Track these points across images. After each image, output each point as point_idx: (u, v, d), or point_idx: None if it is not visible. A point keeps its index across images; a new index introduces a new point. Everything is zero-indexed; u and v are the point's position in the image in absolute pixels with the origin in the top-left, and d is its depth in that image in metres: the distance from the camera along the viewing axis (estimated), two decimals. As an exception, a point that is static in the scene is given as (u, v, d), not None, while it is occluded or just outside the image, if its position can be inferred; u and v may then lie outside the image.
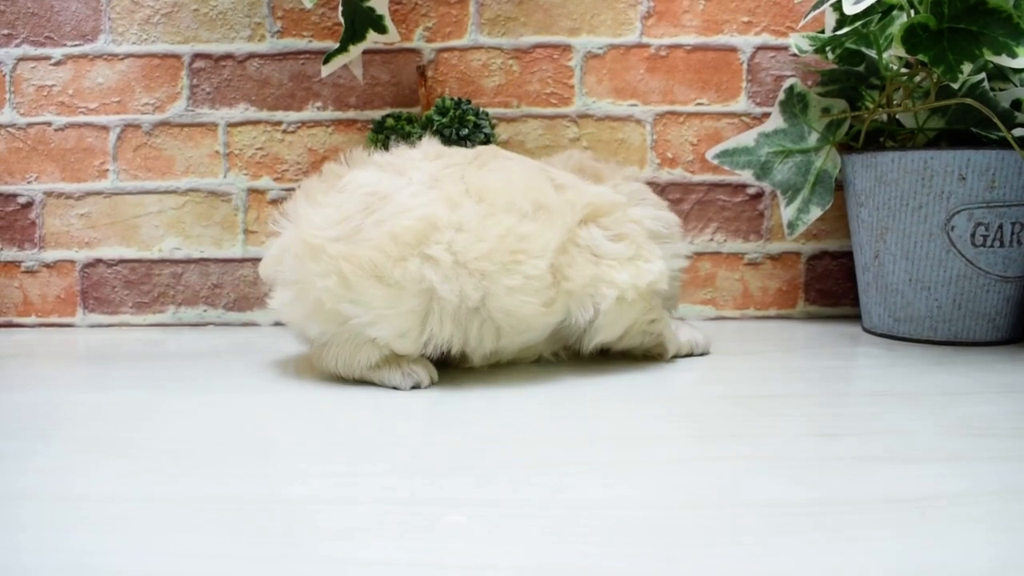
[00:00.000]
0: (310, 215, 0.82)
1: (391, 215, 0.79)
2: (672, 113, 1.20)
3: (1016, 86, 1.06)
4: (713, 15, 1.19)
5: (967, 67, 0.93)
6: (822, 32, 1.14)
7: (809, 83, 1.19)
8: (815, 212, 1.14)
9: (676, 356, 0.96)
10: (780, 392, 0.81)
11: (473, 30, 1.19)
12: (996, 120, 0.97)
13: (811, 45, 1.10)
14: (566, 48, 1.19)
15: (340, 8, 1.03)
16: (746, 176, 1.13)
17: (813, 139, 1.13)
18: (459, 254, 0.78)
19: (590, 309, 0.85)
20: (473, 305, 0.80)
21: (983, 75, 1.05)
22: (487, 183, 0.83)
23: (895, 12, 1.04)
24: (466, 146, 1.07)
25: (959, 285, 1.03)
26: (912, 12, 1.00)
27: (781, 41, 1.20)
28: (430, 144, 0.90)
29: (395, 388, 0.82)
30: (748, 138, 1.14)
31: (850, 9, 0.89)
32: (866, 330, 1.13)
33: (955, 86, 0.93)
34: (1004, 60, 0.92)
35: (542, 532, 0.48)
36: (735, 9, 1.19)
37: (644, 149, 1.20)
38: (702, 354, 0.98)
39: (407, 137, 1.07)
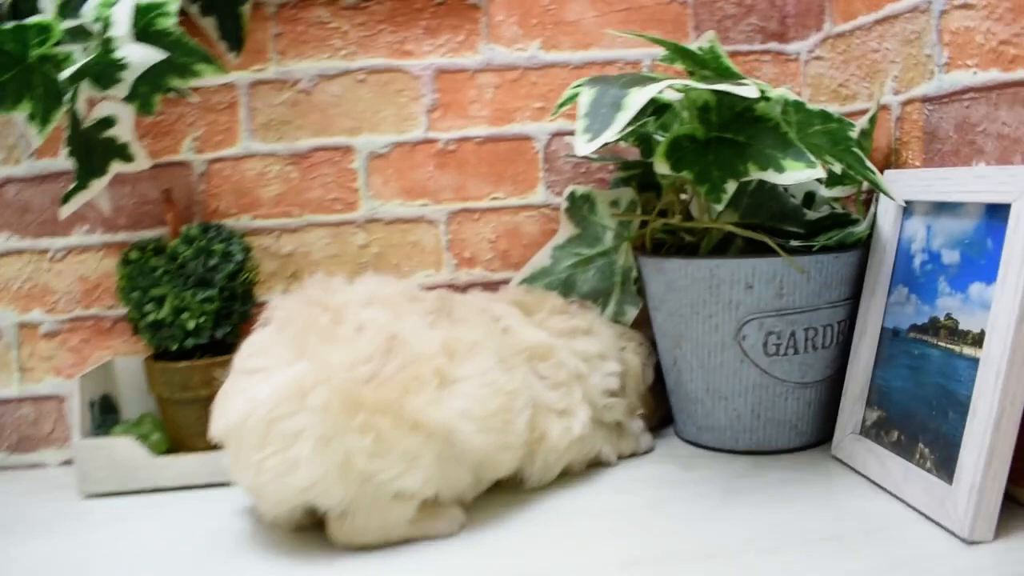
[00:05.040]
0: (331, 355, 0.76)
1: (410, 360, 0.78)
2: (466, 210, 1.13)
3: (805, 178, 1.00)
4: (503, 103, 1.12)
5: (731, 186, 0.86)
6: (610, 122, 1.07)
7: (611, 168, 1.12)
8: (631, 312, 1.09)
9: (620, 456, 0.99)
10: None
11: (245, 137, 1.10)
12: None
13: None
14: (347, 149, 1.11)
15: (66, 148, 0.94)
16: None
17: (609, 238, 1.07)
18: (474, 408, 0.80)
19: (537, 461, 0.89)
20: (477, 459, 0.82)
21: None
22: (469, 338, 0.84)
23: (676, 106, 0.97)
24: (214, 278, 1.00)
25: (756, 394, 0.98)
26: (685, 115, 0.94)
27: (578, 125, 1.13)
28: (388, 283, 0.89)
29: (445, 537, 0.81)
30: (544, 257, 1.08)
31: (584, 149, 0.81)
32: (678, 435, 1.08)
33: (719, 207, 0.87)
34: (771, 176, 0.85)
35: None
36: (527, 95, 1.12)
37: (439, 250, 1.13)
38: (644, 453, 1.01)
39: (153, 272, 0.99)
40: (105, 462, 0.97)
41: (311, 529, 0.82)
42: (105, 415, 1.06)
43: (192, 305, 0.99)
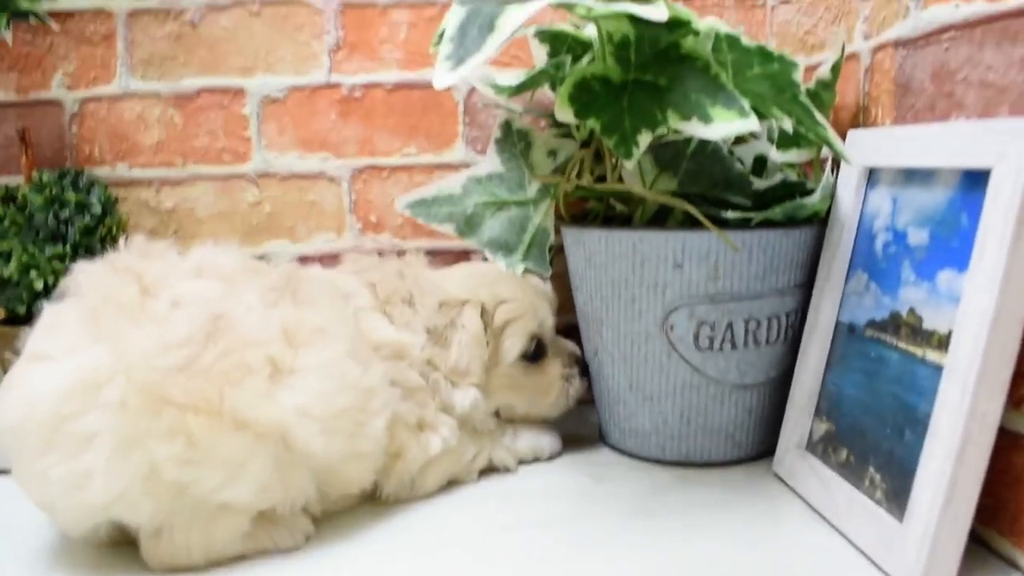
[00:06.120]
0: (135, 337, 0.62)
1: (238, 346, 0.64)
2: (373, 167, 0.98)
3: (756, 138, 0.84)
4: (419, 45, 0.96)
5: (645, 138, 0.70)
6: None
7: (542, 124, 0.96)
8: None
9: (522, 462, 0.85)
10: None
11: (123, 73, 0.96)
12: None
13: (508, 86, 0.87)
14: (238, 92, 0.97)
15: None
16: (450, 231, 0.90)
17: (534, 189, 0.91)
18: (315, 406, 0.65)
19: (392, 479, 0.76)
20: (321, 468, 0.68)
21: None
22: (316, 323, 0.69)
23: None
24: (67, 231, 0.87)
25: (685, 396, 0.82)
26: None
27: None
28: (226, 252, 0.73)
29: (288, 550, 0.67)
30: (455, 183, 0.91)
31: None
32: (602, 439, 0.92)
33: (628, 165, 0.71)
34: (695, 127, 0.69)
35: None
36: (446, 35, 0.96)
37: (342, 212, 0.98)
38: (550, 458, 0.86)
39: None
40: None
41: (128, 545, 0.67)
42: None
43: (41, 262, 0.86)
